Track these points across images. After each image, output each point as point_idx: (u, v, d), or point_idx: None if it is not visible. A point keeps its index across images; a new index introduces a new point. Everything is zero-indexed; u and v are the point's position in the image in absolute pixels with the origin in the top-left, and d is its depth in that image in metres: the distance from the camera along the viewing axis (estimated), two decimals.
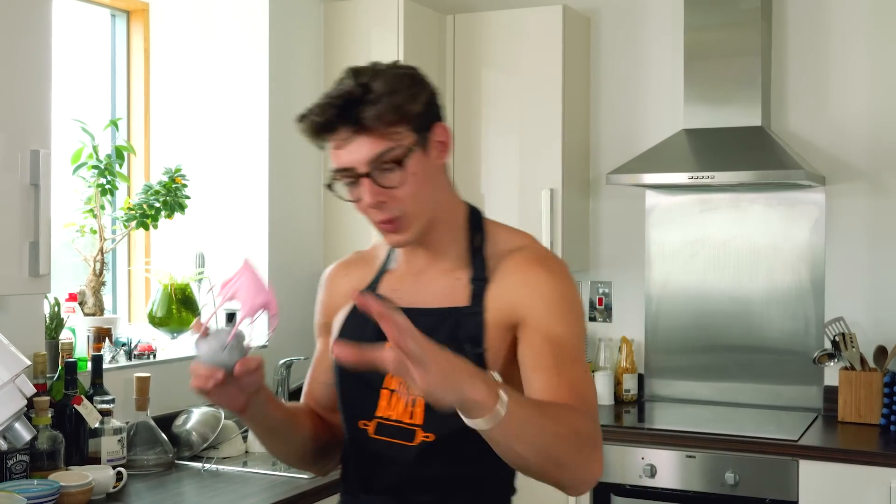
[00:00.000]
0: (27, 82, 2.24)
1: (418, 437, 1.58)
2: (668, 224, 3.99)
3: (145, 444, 2.86)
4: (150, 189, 3.27)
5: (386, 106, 1.51)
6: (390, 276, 1.71)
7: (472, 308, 1.60)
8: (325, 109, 1.53)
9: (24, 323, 2.69)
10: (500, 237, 1.67)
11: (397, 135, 1.53)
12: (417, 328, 1.52)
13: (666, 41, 3.97)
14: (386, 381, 1.61)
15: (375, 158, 1.52)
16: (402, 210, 1.56)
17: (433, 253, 1.65)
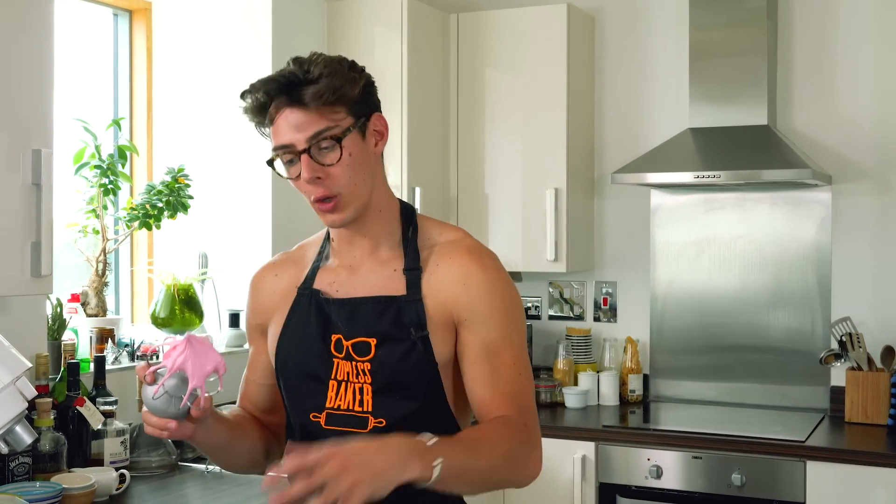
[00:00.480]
0: (29, 81, 2.22)
1: (370, 424, 1.63)
2: (673, 224, 3.97)
3: (148, 445, 2.83)
4: (153, 189, 3.26)
5: (325, 85, 1.56)
6: (325, 271, 1.74)
7: (411, 296, 1.65)
8: (267, 86, 1.59)
9: (27, 324, 2.67)
10: (432, 230, 1.73)
11: (336, 115, 1.58)
12: (363, 315, 1.64)
13: (671, 40, 3.95)
14: (333, 372, 1.66)
15: (314, 135, 1.57)
16: (338, 188, 1.60)
17: (369, 244, 1.70)
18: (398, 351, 1.63)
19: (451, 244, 1.70)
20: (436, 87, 3.89)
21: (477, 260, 1.67)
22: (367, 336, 1.65)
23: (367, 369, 1.64)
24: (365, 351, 1.64)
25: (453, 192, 3.99)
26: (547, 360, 4.09)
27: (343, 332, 1.66)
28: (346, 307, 1.67)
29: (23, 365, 1.28)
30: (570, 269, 3.89)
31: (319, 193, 1.61)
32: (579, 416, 3.74)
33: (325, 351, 1.67)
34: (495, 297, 1.65)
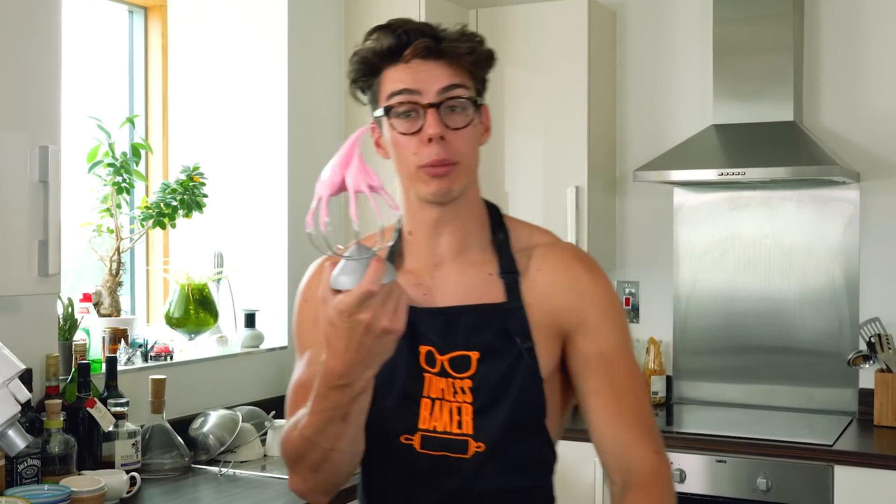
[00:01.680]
0: (37, 78, 2.19)
1: (471, 449, 1.46)
2: (696, 222, 3.89)
3: (161, 447, 2.79)
4: (168, 187, 3.22)
5: (467, 47, 1.44)
6: (403, 272, 1.53)
7: (512, 304, 1.49)
8: (407, 24, 1.45)
9: (37, 324, 2.63)
10: (521, 231, 1.57)
11: (470, 82, 1.46)
12: (462, 325, 1.47)
13: (695, 35, 3.88)
14: (426, 388, 1.48)
15: (448, 87, 1.43)
16: (459, 155, 1.44)
17: (456, 240, 1.52)
18: (503, 364, 1.46)
19: (551, 247, 1.54)
20: None
21: (584, 264, 1.53)
22: (467, 349, 1.47)
23: (468, 387, 1.46)
24: (465, 366, 1.46)
25: None
26: None
27: (437, 346, 1.47)
28: (439, 317, 1.48)
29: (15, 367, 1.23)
30: None
31: (440, 157, 1.42)
32: None
33: (414, 364, 1.48)
34: (607, 302, 1.51)
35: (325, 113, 3.67)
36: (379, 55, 1.46)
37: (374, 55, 1.47)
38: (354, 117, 3.73)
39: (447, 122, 1.43)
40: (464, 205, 1.50)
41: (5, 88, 2.11)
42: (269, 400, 3.30)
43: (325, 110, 3.67)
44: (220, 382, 3.21)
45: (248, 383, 3.32)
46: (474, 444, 1.46)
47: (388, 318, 1.22)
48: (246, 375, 3.32)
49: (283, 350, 3.46)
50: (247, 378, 3.32)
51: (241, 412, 3.04)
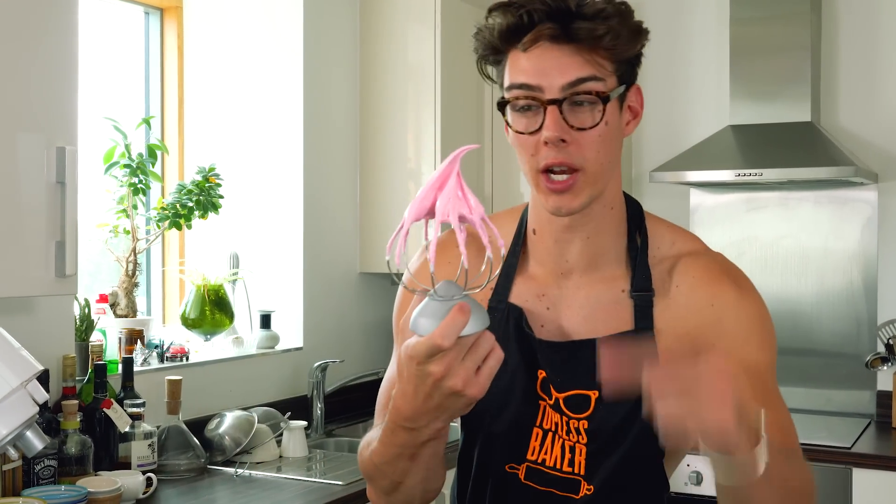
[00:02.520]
0: (53, 79, 2.19)
1: (582, 490, 1.31)
2: (713, 223, 3.87)
3: (177, 448, 2.79)
4: (184, 188, 3.22)
5: (605, 27, 1.21)
6: (525, 280, 1.36)
7: (640, 329, 1.30)
8: (532, 3, 1.22)
9: (54, 325, 2.64)
10: (664, 237, 1.36)
11: (603, 69, 1.23)
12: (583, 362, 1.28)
13: (711, 35, 3.86)
14: (538, 418, 1.32)
15: (574, 83, 1.22)
16: (583, 161, 1.24)
17: (587, 248, 1.33)
18: (624, 407, 1.27)
19: (695, 259, 1.33)
20: (470, 84, 3.82)
21: (731, 278, 1.32)
22: (586, 388, 1.29)
23: (584, 428, 1.30)
24: (582, 406, 1.30)
25: (488, 191, 3.93)
26: None
27: (553, 381, 1.31)
28: (559, 352, 1.31)
29: (33, 368, 1.23)
30: None
31: (558, 160, 1.23)
32: None
33: (531, 389, 1.32)
34: (754, 320, 1.29)
35: (341, 113, 3.67)
36: (499, 37, 1.25)
37: (494, 37, 1.26)
38: (370, 117, 3.73)
39: (571, 122, 1.23)
40: (599, 209, 1.31)
41: (22, 90, 2.11)
42: (284, 401, 3.30)
43: (341, 110, 3.67)
44: (236, 383, 3.21)
45: (264, 384, 3.32)
46: (586, 485, 1.31)
47: (463, 380, 1.05)
48: (261, 376, 3.31)
49: (298, 351, 3.46)
50: (262, 379, 3.32)
51: (256, 413, 3.04)
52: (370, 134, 3.74)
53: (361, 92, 3.74)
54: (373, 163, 3.74)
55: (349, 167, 3.72)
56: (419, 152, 3.67)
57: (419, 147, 3.67)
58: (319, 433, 3.37)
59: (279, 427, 3.07)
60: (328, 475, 2.86)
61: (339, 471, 2.91)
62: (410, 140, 3.69)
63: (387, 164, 3.72)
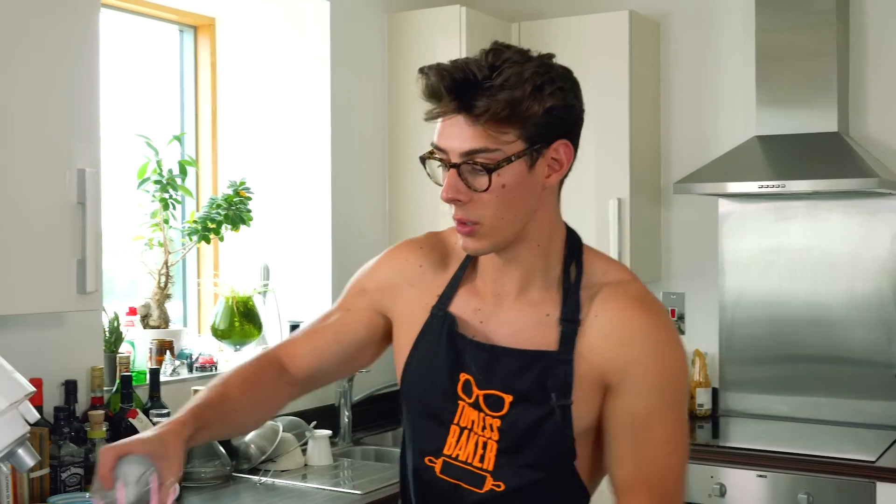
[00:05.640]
0: (75, 103, 2.29)
1: (487, 485, 1.45)
2: (742, 233, 3.86)
3: (203, 457, 2.87)
4: (214, 202, 3.31)
5: (501, 99, 1.32)
6: (467, 292, 1.52)
7: (562, 355, 1.43)
8: (443, 77, 1.34)
9: (83, 337, 2.74)
10: (596, 267, 1.48)
11: (503, 136, 1.34)
12: (503, 366, 1.45)
13: (738, 44, 3.85)
14: (456, 416, 1.47)
15: (468, 153, 1.35)
16: (478, 217, 1.38)
17: (520, 276, 1.47)
18: (533, 415, 1.42)
19: (616, 289, 1.45)
20: None
21: (644, 313, 1.42)
22: (503, 391, 1.44)
23: (497, 426, 1.44)
24: (498, 406, 1.44)
25: None
26: None
27: (477, 379, 1.46)
28: (485, 353, 1.46)
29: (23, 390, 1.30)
30: None
31: (457, 216, 1.39)
32: None
33: (450, 390, 1.47)
34: (657, 360, 1.41)
35: (369, 125, 3.74)
36: (424, 96, 1.39)
37: (421, 95, 1.39)
38: (397, 131, 3.79)
39: (470, 183, 1.36)
40: (523, 248, 1.44)
41: (45, 115, 2.21)
42: (310, 410, 3.37)
43: (369, 123, 3.74)
44: None
45: None
46: (492, 480, 1.44)
47: None
48: None
49: None
50: None
51: (281, 422, 3.11)
52: (398, 145, 3.80)
53: (389, 104, 3.81)
54: (401, 174, 3.80)
55: (378, 178, 3.79)
56: None
57: None
58: (347, 442, 3.44)
59: (304, 436, 3.14)
60: (352, 484, 2.92)
61: (364, 479, 2.97)
62: None
63: (415, 175, 3.78)
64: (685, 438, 1.45)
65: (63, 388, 2.61)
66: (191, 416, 1.41)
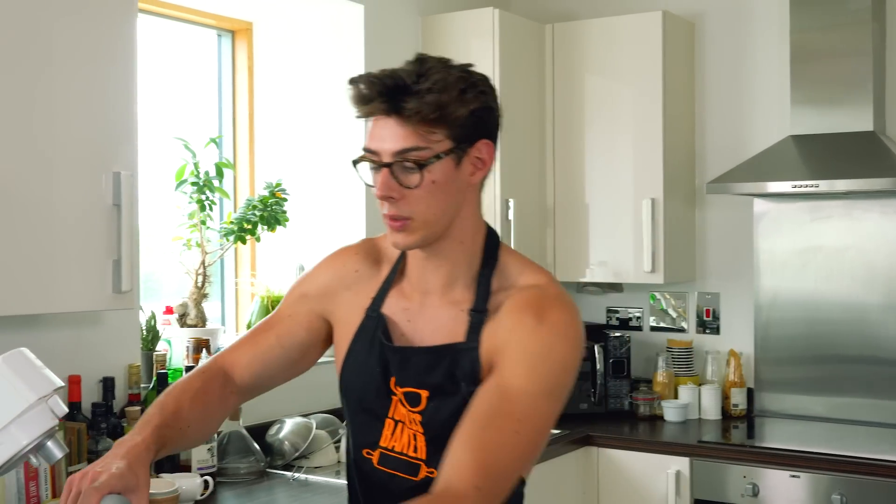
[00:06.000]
0: (112, 107, 2.35)
1: (422, 472, 1.54)
2: (777, 233, 3.85)
3: (237, 452, 2.94)
4: (250, 204, 3.37)
5: (429, 102, 1.43)
6: (397, 293, 1.62)
7: (468, 343, 1.53)
8: (373, 84, 1.46)
9: (120, 335, 2.81)
10: (512, 269, 1.58)
11: (432, 136, 1.45)
12: (414, 365, 1.56)
13: (773, 44, 3.84)
14: (391, 410, 1.57)
15: (399, 152, 1.45)
16: (411, 212, 1.48)
17: (444, 274, 1.57)
18: (450, 405, 1.52)
19: (524, 290, 1.54)
20: (531, 98, 3.89)
21: (536, 310, 1.50)
22: (417, 387, 1.55)
23: (419, 420, 1.55)
24: (416, 402, 1.55)
25: (550, 203, 3.98)
26: (647, 372, 4.03)
27: (397, 378, 1.56)
28: (397, 354, 1.57)
29: (52, 385, 1.35)
30: (669, 279, 3.82)
31: (390, 213, 1.50)
32: (678, 430, 3.67)
33: (383, 386, 1.57)
34: (538, 348, 1.48)
35: None
36: (354, 105, 1.50)
37: (354, 104, 1.50)
38: None
39: (401, 181, 1.47)
40: (448, 244, 1.55)
41: (83, 119, 2.28)
42: None
43: None
44: (296, 391, 3.31)
45: (324, 392, 3.43)
46: (426, 468, 1.53)
47: None
48: (321, 384, 3.41)
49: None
50: (322, 386, 3.42)
51: (315, 419, 3.16)
52: None
53: None
54: None
55: None
56: None
57: None
58: None
59: (337, 433, 3.19)
60: None
61: None
62: None
63: None
64: (541, 429, 1.48)
65: (101, 385, 2.68)
66: (153, 439, 1.45)
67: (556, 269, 3.98)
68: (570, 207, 3.96)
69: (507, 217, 3.71)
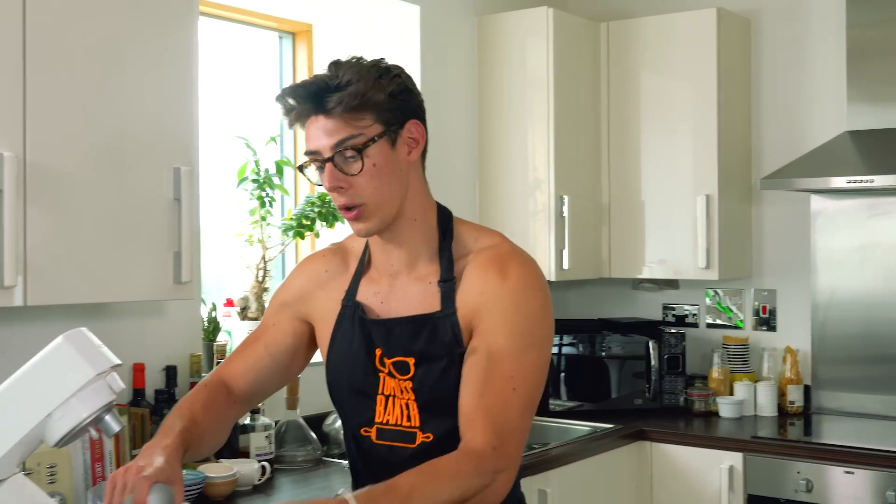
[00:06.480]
0: (173, 105, 2.46)
1: (419, 439, 1.65)
2: (834, 230, 3.82)
3: (295, 441, 3.03)
4: (309, 200, 3.46)
5: (349, 92, 1.55)
6: (367, 281, 1.73)
7: (444, 311, 1.64)
8: (295, 92, 1.59)
9: (183, 326, 2.92)
10: (468, 236, 1.71)
11: (361, 122, 1.57)
12: (398, 335, 1.67)
13: (829, 39, 3.82)
14: (380, 387, 1.67)
15: (337, 144, 1.56)
16: (361, 199, 1.59)
17: (405, 254, 1.69)
18: (437, 369, 1.64)
19: (482, 252, 1.67)
20: (585, 96, 3.93)
21: (498, 268, 1.63)
22: (404, 356, 1.65)
23: (410, 387, 1.65)
24: (405, 370, 1.66)
25: (605, 200, 4.01)
26: (703, 368, 4.03)
27: (384, 350, 1.67)
28: (382, 326, 1.68)
29: (108, 362, 1.44)
30: (723, 276, 3.83)
31: (341, 202, 1.60)
32: (733, 426, 3.67)
33: (370, 366, 1.68)
34: (508, 303, 1.61)
35: (459, 128, 3.84)
36: (285, 116, 1.62)
37: (284, 117, 1.63)
38: (487, 132, 3.89)
39: (345, 170, 1.58)
40: (403, 224, 1.67)
41: (146, 118, 2.39)
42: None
43: (459, 126, 3.84)
44: None
45: None
46: (422, 434, 1.65)
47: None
48: None
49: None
50: None
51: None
52: (488, 146, 3.90)
53: (479, 106, 3.91)
54: (491, 175, 3.90)
55: (468, 180, 3.89)
56: (535, 164, 3.80)
57: (535, 159, 3.80)
58: None
59: None
60: None
61: None
62: (528, 152, 3.82)
63: (505, 176, 3.87)
64: (534, 380, 1.61)
65: (164, 373, 2.79)
66: (180, 441, 1.56)
67: (610, 265, 4.02)
68: (626, 204, 3.98)
69: (560, 214, 3.75)
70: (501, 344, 1.59)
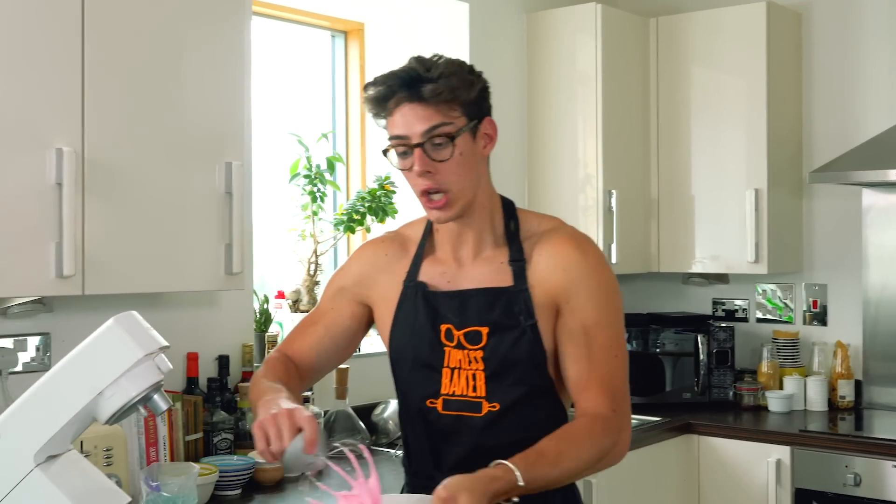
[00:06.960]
0: (224, 101, 2.54)
1: (484, 408, 1.74)
2: (886, 224, 3.79)
3: (344, 430, 3.09)
4: (359, 196, 3.53)
5: (443, 85, 1.66)
6: (431, 263, 1.83)
7: (517, 287, 1.75)
8: (389, 80, 1.69)
9: (236, 317, 3.01)
10: (531, 222, 1.82)
11: (453, 113, 1.69)
12: (473, 305, 1.77)
13: (882, 31, 3.79)
14: (445, 360, 1.77)
15: (429, 129, 1.67)
16: (447, 184, 1.70)
17: (475, 238, 1.79)
18: (509, 339, 1.74)
19: (551, 233, 1.79)
20: (634, 91, 3.95)
21: (576, 246, 1.76)
22: (479, 325, 1.75)
23: (480, 357, 1.75)
24: (476, 340, 1.75)
25: (654, 194, 4.02)
26: (752, 363, 4.03)
27: (454, 322, 1.77)
28: (455, 299, 1.78)
29: (156, 343, 1.52)
30: (773, 270, 3.82)
31: (428, 185, 1.70)
32: (782, 420, 3.66)
33: (435, 340, 1.78)
34: (593, 280, 1.74)
35: (509, 125, 3.88)
36: (375, 105, 1.72)
37: (371, 107, 1.73)
38: (537, 128, 3.92)
39: (433, 157, 1.69)
40: (475, 214, 1.78)
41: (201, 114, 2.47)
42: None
43: (509, 122, 3.88)
44: None
45: None
46: (487, 404, 1.75)
47: None
48: None
49: None
50: None
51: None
52: (538, 143, 3.94)
53: (529, 102, 3.95)
54: (540, 171, 3.93)
55: (517, 176, 3.93)
56: (585, 159, 3.83)
57: (585, 154, 3.83)
58: None
59: None
60: None
61: None
62: (577, 147, 3.85)
63: (554, 172, 3.91)
64: (624, 344, 1.77)
65: (217, 362, 2.88)
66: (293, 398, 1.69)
67: (660, 260, 4.03)
68: (675, 199, 3.99)
69: (609, 208, 3.78)
70: (595, 317, 1.73)
